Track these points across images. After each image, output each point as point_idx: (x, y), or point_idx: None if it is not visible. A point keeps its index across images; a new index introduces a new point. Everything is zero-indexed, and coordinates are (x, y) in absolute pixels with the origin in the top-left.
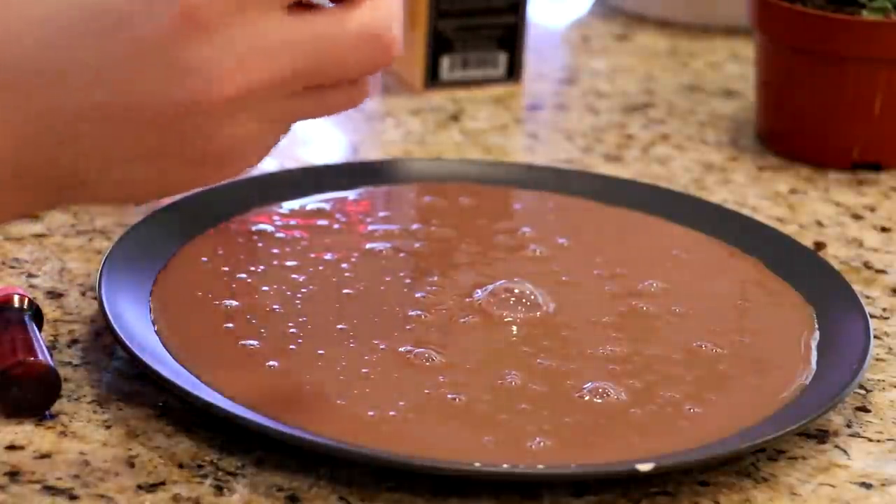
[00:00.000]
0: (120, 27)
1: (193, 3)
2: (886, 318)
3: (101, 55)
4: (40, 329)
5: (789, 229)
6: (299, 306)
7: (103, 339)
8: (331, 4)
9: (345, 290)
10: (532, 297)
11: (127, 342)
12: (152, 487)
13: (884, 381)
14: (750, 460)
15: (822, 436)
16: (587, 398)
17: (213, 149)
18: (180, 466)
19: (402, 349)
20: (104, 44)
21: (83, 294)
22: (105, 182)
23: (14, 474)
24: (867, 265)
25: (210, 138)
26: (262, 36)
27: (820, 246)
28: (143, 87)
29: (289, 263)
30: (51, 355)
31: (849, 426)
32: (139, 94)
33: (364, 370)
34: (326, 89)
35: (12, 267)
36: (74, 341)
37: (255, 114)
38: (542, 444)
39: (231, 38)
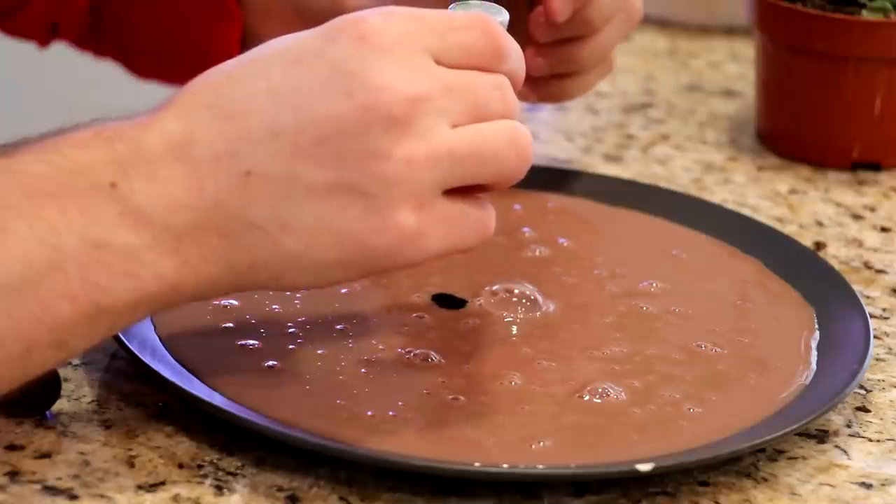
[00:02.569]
0: (303, 57)
1: (371, 27)
2: (886, 318)
3: (284, 82)
4: None
5: (789, 229)
6: (299, 306)
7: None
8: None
9: (344, 291)
10: (532, 297)
11: (127, 342)
12: (152, 487)
13: (884, 381)
14: (750, 460)
15: (822, 436)
16: (587, 398)
17: (386, 174)
18: (180, 466)
19: (401, 349)
20: (288, 71)
21: None
22: (277, 230)
23: (14, 474)
24: (867, 265)
25: (380, 156)
26: (426, 61)
27: (820, 246)
28: (322, 103)
29: None
30: None
31: (849, 426)
32: (317, 111)
33: (364, 370)
34: (483, 125)
35: None
36: None
37: (421, 136)
38: (542, 444)
39: (401, 56)
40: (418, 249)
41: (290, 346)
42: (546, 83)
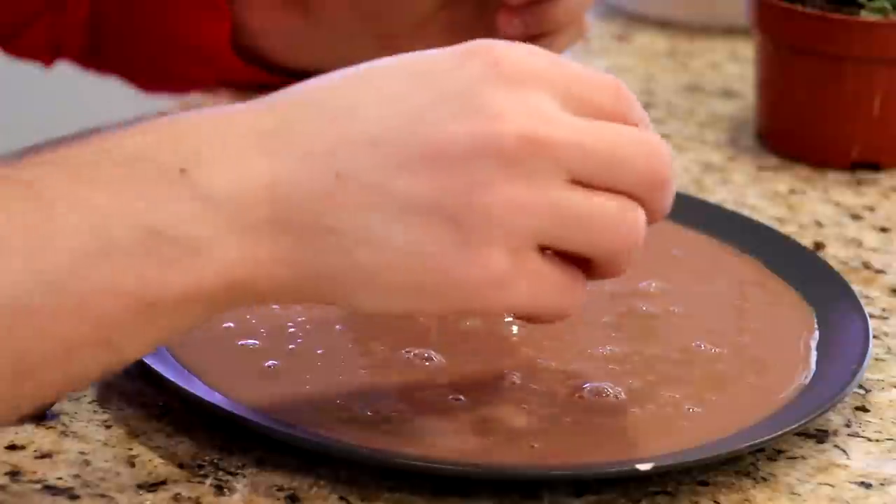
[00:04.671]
0: (427, 71)
1: (507, 55)
2: (886, 318)
3: (398, 91)
4: None
5: (788, 229)
6: (299, 306)
7: None
8: None
9: None
10: None
11: None
12: (153, 487)
13: (883, 380)
14: (749, 460)
15: (821, 435)
16: (587, 398)
17: (487, 207)
18: (181, 466)
19: (401, 349)
20: (406, 82)
21: None
22: (358, 241)
23: (15, 474)
24: (866, 265)
25: (485, 188)
26: (554, 105)
27: (819, 246)
28: (433, 121)
29: None
30: None
31: (848, 426)
32: (427, 127)
33: (364, 370)
34: (598, 191)
35: None
36: None
37: (530, 179)
38: (542, 444)
39: (535, 95)
40: (501, 296)
41: (290, 346)
42: None
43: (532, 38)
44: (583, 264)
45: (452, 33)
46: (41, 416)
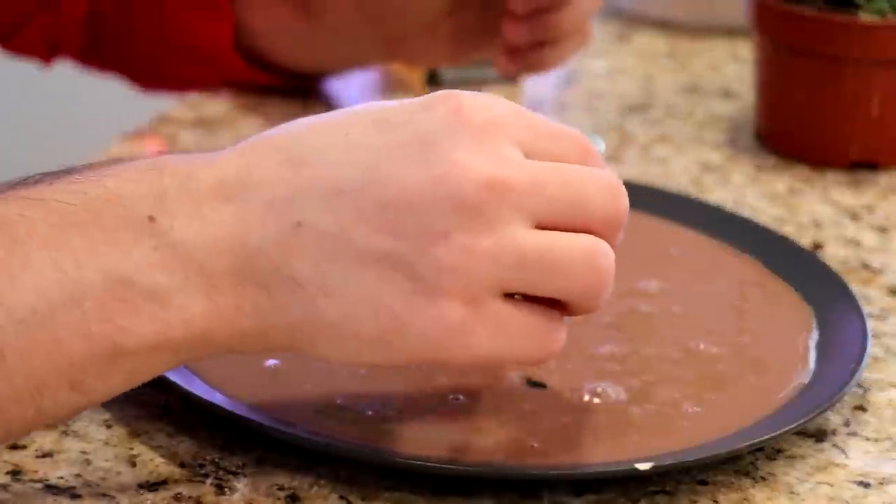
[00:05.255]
0: (391, 118)
1: (470, 103)
2: (884, 318)
3: (362, 139)
4: None
5: (787, 229)
6: None
7: None
8: None
9: None
10: None
11: None
12: (154, 486)
13: (882, 380)
14: (748, 459)
15: (820, 435)
16: (586, 398)
17: (441, 258)
18: (181, 465)
19: None
20: (370, 128)
21: None
22: (317, 291)
23: (16, 473)
24: (865, 265)
25: (441, 237)
26: (515, 152)
27: (818, 246)
28: (392, 169)
29: None
30: None
31: (847, 425)
32: (386, 174)
33: (363, 370)
34: (562, 233)
35: None
36: None
37: (491, 226)
38: (541, 443)
39: (496, 143)
40: (463, 347)
41: None
42: (523, 53)
43: (537, 45)
44: (557, 304)
45: (458, 38)
46: None
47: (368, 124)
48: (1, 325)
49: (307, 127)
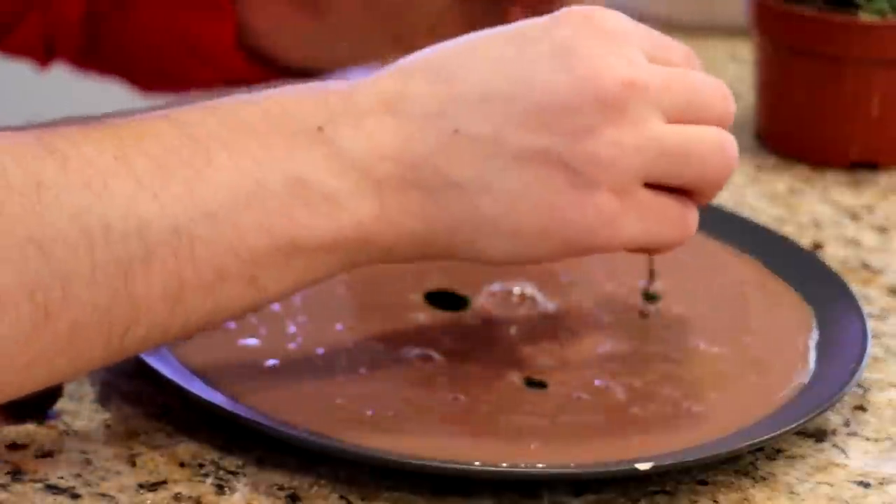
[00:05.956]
0: (527, 33)
1: (598, 13)
2: (884, 318)
3: (503, 53)
4: None
5: (787, 229)
6: (299, 306)
7: None
8: None
9: (344, 290)
10: (532, 297)
11: None
12: (153, 486)
13: (881, 380)
14: (749, 459)
15: (820, 435)
16: (587, 397)
17: (593, 151)
18: (181, 465)
19: (401, 349)
20: (509, 44)
21: None
22: (478, 191)
23: (16, 473)
24: (865, 265)
25: (590, 133)
26: (642, 57)
27: (818, 246)
28: (539, 74)
29: None
30: None
31: (847, 425)
32: (532, 82)
33: (363, 370)
34: (690, 125)
35: None
36: None
37: (632, 121)
38: (541, 443)
39: (622, 45)
40: (614, 233)
41: (290, 346)
42: None
43: None
44: (686, 193)
45: (466, 30)
46: (43, 416)
47: (506, 41)
48: (191, 218)
49: (451, 48)
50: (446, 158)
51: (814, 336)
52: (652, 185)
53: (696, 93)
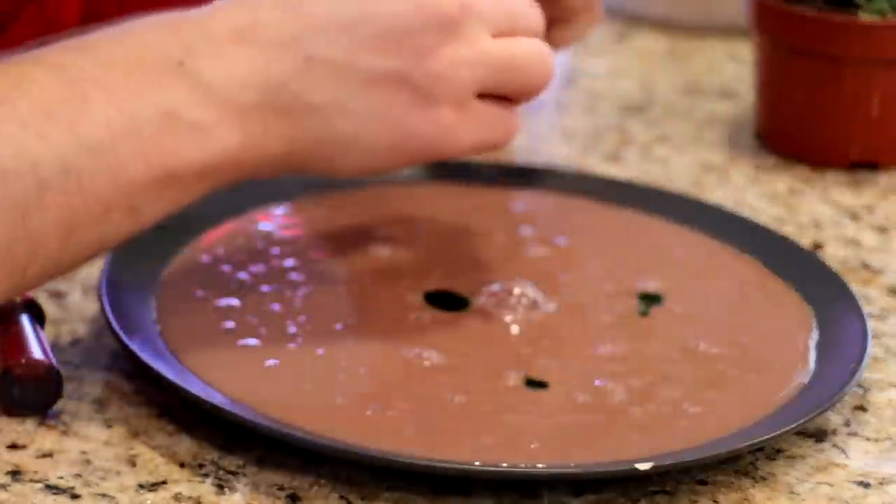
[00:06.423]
0: None
1: None
2: (884, 318)
3: None
4: (42, 328)
5: (787, 229)
6: (299, 306)
7: (105, 338)
8: None
9: (344, 290)
10: (532, 297)
11: (128, 342)
12: (153, 486)
13: (882, 380)
14: (748, 459)
15: (820, 435)
16: (587, 398)
17: (435, 70)
18: (181, 465)
19: (401, 349)
20: None
21: (85, 294)
22: (334, 113)
23: (16, 473)
24: (865, 265)
25: (432, 53)
26: None
27: (818, 246)
28: (382, 3)
29: (288, 263)
30: (53, 355)
31: (847, 425)
32: (381, 6)
33: (363, 370)
34: (516, 38)
35: None
36: (76, 341)
37: (467, 38)
38: (541, 443)
39: None
40: (454, 142)
41: (290, 346)
42: None
43: (548, 23)
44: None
45: None
46: (43, 416)
47: None
48: (75, 153)
49: None
50: (303, 83)
51: (814, 336)
52: (482, 95)
53: (513, 10)
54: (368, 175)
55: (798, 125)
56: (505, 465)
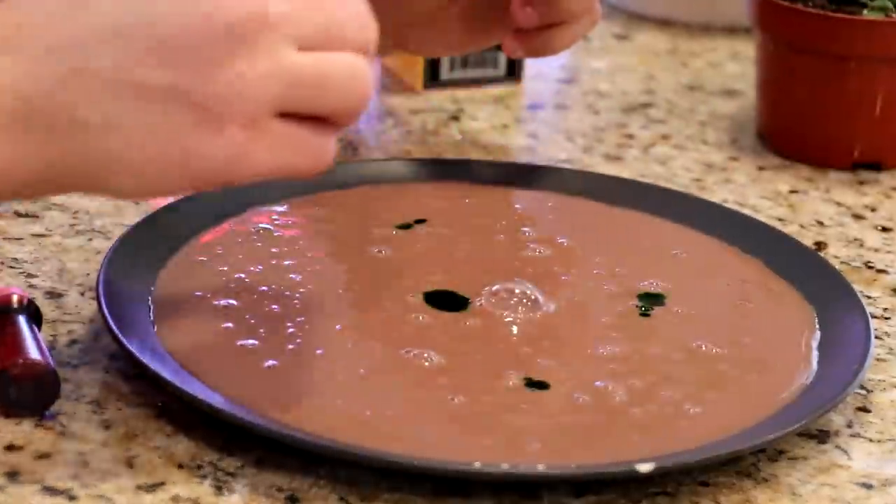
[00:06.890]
0: None
1: None
2: (887, 318)
3: None
4: (39, 329)
5: (790, 229)
6: (298, 306)
7: (102, 339)
8: None
9: (343, 290)
10: (532, 297)
11: (126, 342)
12: (151, 488)
13: (884, 381)
14: (750, 460)
15: (822, 436)
16: (587, 398)
17: (220, 86)
18: (179, 467)
19: (401, 349)
20: None
21: (82, 294)
22: (104, 130)
23: (13, 474)
24: (868, 265)
25: (216, 67)
26: None
27: (821, 246)
28: (167, 7)
29: (287, 263)
30: (50, 355)
31: (849, 426)
32: (162, 13)
33: (363, 370)
34: (325, 52)
35: (11, 267)
36: (74, 341)
37: (260, 52)
38: (541, 444)
39: None
40: (247, 165)
41: (290, 346)
42: (532, 36)
43: (546, 26)
44: (324, 122)
45: (466, 23)
46: (40, 417)
47: None
48: None
49: None
50: (69, 96)
51: (816, 336)
52: (289, 115)
53: (330, 20)
54: (151, 197)
55: (801, 124)
56: (505, 465)
